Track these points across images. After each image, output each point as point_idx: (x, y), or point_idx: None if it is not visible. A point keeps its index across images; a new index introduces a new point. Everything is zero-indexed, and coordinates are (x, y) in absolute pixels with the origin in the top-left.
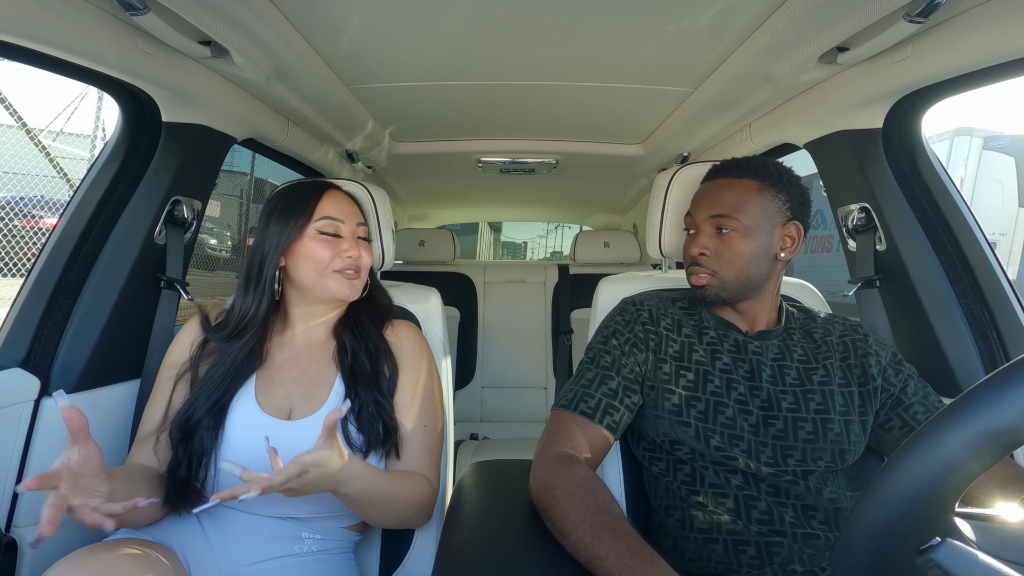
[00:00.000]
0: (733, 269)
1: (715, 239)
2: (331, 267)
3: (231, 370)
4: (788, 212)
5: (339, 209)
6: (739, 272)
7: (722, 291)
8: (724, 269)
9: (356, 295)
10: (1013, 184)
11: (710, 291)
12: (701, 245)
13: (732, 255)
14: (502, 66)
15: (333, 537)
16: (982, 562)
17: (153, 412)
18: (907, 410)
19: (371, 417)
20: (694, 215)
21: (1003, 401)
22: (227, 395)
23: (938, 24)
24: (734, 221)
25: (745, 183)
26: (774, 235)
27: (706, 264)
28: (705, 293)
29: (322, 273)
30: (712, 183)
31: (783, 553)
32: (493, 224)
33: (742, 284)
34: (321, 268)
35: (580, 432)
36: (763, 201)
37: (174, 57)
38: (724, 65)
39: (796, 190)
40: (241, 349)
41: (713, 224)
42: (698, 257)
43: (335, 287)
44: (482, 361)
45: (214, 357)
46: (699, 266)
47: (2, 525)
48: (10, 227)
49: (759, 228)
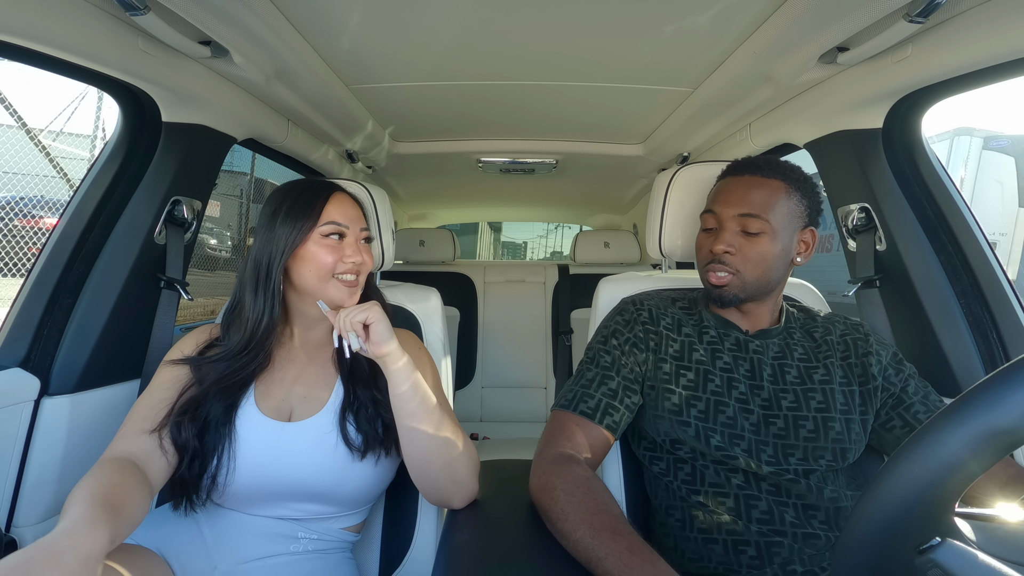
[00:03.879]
0: (757, 270)
1: (740, 237)
2: (333, 272)
3: (239, 369)
4: (807, 217)
5: (344, 214)
6: (761, 273)
7: (741, 292)
8: (748, 269)
9: (354, 302)
10: (1013, 184)
11: (729, 291)
12: (727, 243)
13: (758, 256)
14: (502, 66)
15: (330, 537)
16: (982, 562)
17: (155, 404)
18: (908, 409)
19: (370, 417)
20: (717, 212)
21: (1003, 401)
22: (237, 395)
23: (938, 24)
24: (763, 222)
25: (775, 184)
26: (794, 239)
27: (729, 263)
28: (724, 293)
29: (323, 278)
30: (739, 179)
31: (783, 553)
32: (493, 224)
33: (761, 286)
34: (323, 273)
35: (580, 432)
36: (790, 204)
37: (174, 57)
38: (724, 65)
39: (816, 196)
40: (252, 352)
41: (740, 223)
42: (722, 255)
43: (334, 293)
44: (482, 361)
45: (222, 359)
46: (721, 264)
47: (2, 525)
48: (10, 227)
49: (783, 231)
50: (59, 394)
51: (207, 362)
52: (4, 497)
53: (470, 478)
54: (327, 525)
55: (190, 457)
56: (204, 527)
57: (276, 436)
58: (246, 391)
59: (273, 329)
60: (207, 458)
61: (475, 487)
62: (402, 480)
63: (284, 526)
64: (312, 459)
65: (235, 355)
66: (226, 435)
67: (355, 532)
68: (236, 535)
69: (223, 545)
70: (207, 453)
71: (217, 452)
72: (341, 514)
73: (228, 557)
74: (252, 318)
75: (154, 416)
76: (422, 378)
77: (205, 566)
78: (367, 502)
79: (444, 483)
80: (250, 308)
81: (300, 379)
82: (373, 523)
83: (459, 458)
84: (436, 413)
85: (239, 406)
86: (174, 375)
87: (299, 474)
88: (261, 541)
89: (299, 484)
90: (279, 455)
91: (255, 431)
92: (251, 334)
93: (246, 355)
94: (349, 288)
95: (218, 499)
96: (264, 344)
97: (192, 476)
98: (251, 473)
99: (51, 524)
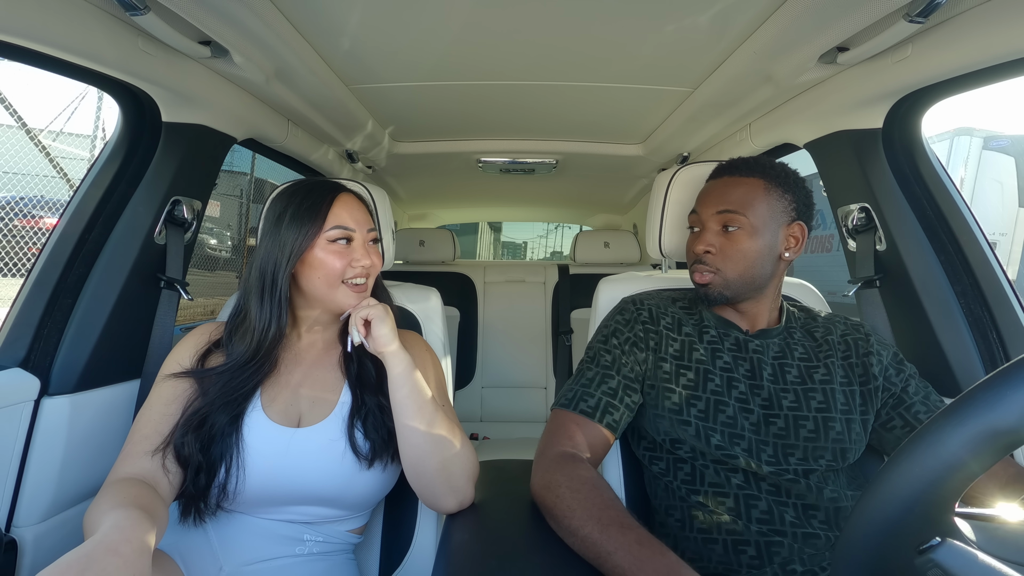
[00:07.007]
0: (738, 267)
1: (720, 237)
2: (342, 278)
3: (245, 380)
4: (793, 212)
5: (351, 215)
6: (744, 270)
7: (726, 289)
8: (729, 267)
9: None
10: (1013, 184)
11: (714, 289)
12: (706, 242)
13: (737, 253)
14: (502, 66)
15: (335, 539)
16: (982, 562)
17: (157, 422)
18: (908, 409)
19: (377, 424)
20: (699, 212)
21: (1003, 401)
22: (243, 405)
23: (938, 24)
24: (741, 218)
25: (752, 182)
26: (779, 235)
27: (711, 262)
28: (709, 291)
29: (332, 285)
30: (718, 181)
31: (783, 553)
32: (493, 224)
33: (746, 283)
34: (333, 280)
35: (580, 431)
36: (770, 200)
37: (174, 57)
38: (724, 65)
39: (801, 191)
40: (259, 362)
41: (719, 221)
42: (703, 255)
43: (343, 299)
44: (482, 361)
45: (227, 371)
46: (703, 264)
47: (2, 525)
48: (10, 227)
49: (765, 227)
50: (59, 394)
51: (211, 374)
52: (4, 497)
53: (466, 482)
54: (333, 527)
55: (194, 471)
56: (210, 529)
57: (286, 442)
58: (252, 398)
59: (281, 338)
60: (214, 469)
61: (471, 493)
62: (402, 480)
63: (290, 528)
64: (320, 464)
65: (241, 366)
66: (233, 444)
67: (359, 534)
68: (242, 537)
69: (228, 547)
70: (214, 464)
71: (224, 462)
72: (347, 517)
73: (233, 559)
74: (258, 327)
75: (156, 436)
76: (423, 381)
77: (211, 567)
78: (374, 504)
79: (439, 485)
80: (256, 317)
81: (306, 382)
82: (373, 523)
83: (454, 460)
84: (433, 415)
85: (245, 414)
86: (174, 390)
87: (307, 479)
88: (267, 543)
89: (307, 489)
90: (288, 460)
91: (263, 438)
92: (258, 344)
93: (252, 365)
94: (359, 292)
95: (228, 506)
96: (271, 353)
97: (198, 489)
98: (260, 479)
99: (51, 524)
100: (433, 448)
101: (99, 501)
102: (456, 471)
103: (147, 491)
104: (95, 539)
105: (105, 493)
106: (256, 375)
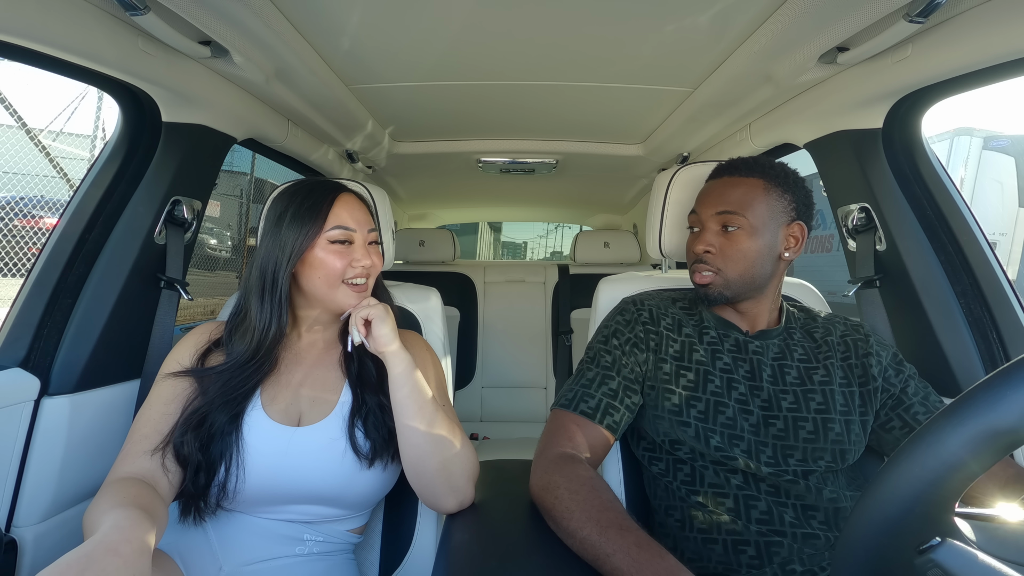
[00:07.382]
0: (738, 267)
1: (720, 236)
2: (342, 278)
3: (245, 379)
4: (793, 212)
5: (352, 215)
6: (743, 270)
7: (726, 289)
8: (728, 267)
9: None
10: (1013, 184)
11: (714, 289)
12: (706, 242)
13: (737, 253)
14: (502, 66)
15: (335, 539)
16: (982, 562)
17: (157, 421)
18: (907, 410)
19: (378, 424)
20: (699, 212)
21: (1003, 401)
22: (243, 404)
23: (938, 24)
24: (740, 218)
25: (752, 182)
26: (779, 235)
27: (711, 262)
28: (709, 291)
29: (333, 285)
30: (718, 181)
31: (783, 553)
32: (493, 224)
33: (746, 283)
34: (333, 280)
35: (580, 432)
36: (769, 200)
37: (174, 57)
38: (724, 65)
39: (801, 191)
40: (259, 362)
41: (718, 221)
42: (703, 255)
43: (343, 300)
44: (482, 361)
45: (227, 371)
46: (703, 264)
47: (2, 525)
48: (10, 227)
49: (764, 227)
50: (59, 394)
51: (211, 373)
52: (4, 497)
53: (466, 482)
54: (333, 527)
55: (194, 470)
56: (209, 528)
57: (286, 441)
58: (251, 397)
59: (281, 338)
60: (213, 468)
61: (471, 493)
62: (402, 480)
63: (290, 528)
64: (321, 464)
65: (241, 365)
66: (233, 443)
67: (359, 534)
68: (242, 537)
69: (228, 546)
70: (213, 463)
71: (224, 461)
72: (347, 516)
73: (233, 558)
74: (259, 327)
75: (155, 435)
76: (424, 381)
77: (210, 567)
78: (374, 504)
79: (439, 485)
80: (256, 316)
81: (307, 381)
82: (373, 523)
83: (454, 460)
84: (434, 415)
85: (245, 413)
86: (174, 389)
87: (308, 478)
88: (267, 543)
89: (308, 488)
90: (288, 459)
91: (263, 437)
92: (258, 343)
93: (252, 365)
94: (359, 292)
95: (227, 506)
96: (271, 353)
97: (198, 488)
98: (260, 479)
99: (51, 524)
100: (433, 448)
101: (99, 501)
102: (456, 471)
103: (147, 491)
104: (95, 539)
105: (105, 493)
106: (256, 374)
